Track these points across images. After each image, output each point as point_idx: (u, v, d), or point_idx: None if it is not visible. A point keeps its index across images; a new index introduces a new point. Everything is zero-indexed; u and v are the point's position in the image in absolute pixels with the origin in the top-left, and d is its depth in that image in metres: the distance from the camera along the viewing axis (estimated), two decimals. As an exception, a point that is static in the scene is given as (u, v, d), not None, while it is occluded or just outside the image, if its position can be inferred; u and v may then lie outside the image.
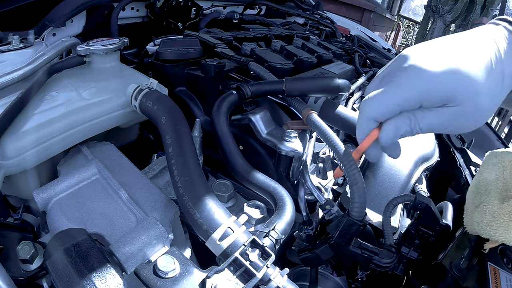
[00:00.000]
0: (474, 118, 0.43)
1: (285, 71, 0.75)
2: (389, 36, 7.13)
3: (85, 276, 0.34)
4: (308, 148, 0.63)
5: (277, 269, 0.39)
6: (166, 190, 0.60)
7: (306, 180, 0.56)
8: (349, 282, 0.66)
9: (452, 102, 0.42)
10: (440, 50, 0.43)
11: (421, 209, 0.53)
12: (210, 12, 1.25)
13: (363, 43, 1.44)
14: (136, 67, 0.87)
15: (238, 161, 0.54)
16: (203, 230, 0.41)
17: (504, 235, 0.48)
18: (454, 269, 0.58)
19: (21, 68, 0.64)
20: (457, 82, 0.41)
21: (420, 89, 0.41)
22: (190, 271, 0.38)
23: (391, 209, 0.54)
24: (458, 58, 0.42)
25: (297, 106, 0.61)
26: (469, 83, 0.41)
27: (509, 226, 0.48)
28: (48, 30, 0.75)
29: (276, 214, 0.46)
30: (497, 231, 0.49)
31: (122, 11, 0.94)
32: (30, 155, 0.50)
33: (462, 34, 0.45)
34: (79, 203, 0.49)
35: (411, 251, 0.56)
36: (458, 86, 0.41)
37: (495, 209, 0.49)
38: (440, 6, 5.14)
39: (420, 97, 0.42)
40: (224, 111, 0.58)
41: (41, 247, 0.46)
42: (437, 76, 0.41)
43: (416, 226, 0.55)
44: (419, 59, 0.42)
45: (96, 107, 0.58)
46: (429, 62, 0.42)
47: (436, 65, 0.41)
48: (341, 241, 0.48)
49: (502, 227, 0.48)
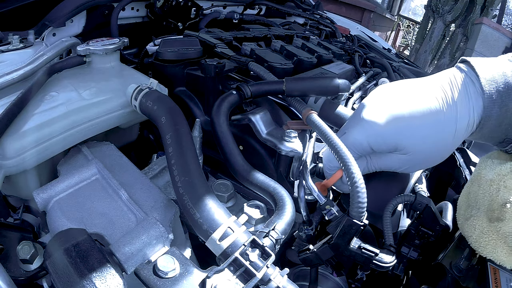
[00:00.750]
0: (423, 162, 0.48)
1: (285, 71, 0.75)
2: (389, 36, 7.13)
3: (85, 276, 0.34)
4: (308, 148, 0.63)
5: (277, 269, 0.39)
6: (166, 190, 0.60)
7: (306, 180, 0.56)
8: (349, 282, 0.66)
9: (399, 150, 0.46)
10: (390, 100, 0.47)
11: (421, 209, 0.53)
12: (210, 12, 1.25)
13: (363, 43, 1.44)
14: (136, 67, 0.87)
15: (238, 161, 0.54)
16: (203, 230, 0.41)
17: (491, 254, 0.47)
18: (454, 269, 0.57)
19: (21, 68, 0.64)
20: (401, 133, 0.45)
21: (368, 140, 0.47)
22: (190, 271, 0.38)
23: (391, 209, 0.54)
24: (405, 109, 0.45)
25: (297, 106, 0.61)
26: (412, 133, 0.44)
27: (497, 245, 0.46)
28: (48, 30, 0.75)
29: (276, 214, 0.46)
30: (485, 248, 0.48)
31: (122, 11, 0.94)
32: (30, 155, 0.50)
33: (419, 81, 0.48)
34: (79, 203, 0.49)
35: (411, 251, 0.56)
36: (401, 136, 0.45)
37: (484, 226, 0.48)
38: (440, 6, 5.14)
39: (370, 146, 0.47)
40: (224, 111, 0.58)
41: (41, 247, 0.46)
42: (382, 128, 0.45)
43: (416, 226, 0.55)
44: (369, 111, 0.47)
45: (96, 107, 0.58)
46: (377, 114, 0.46)
47: (382, 117, 0.45)
48: (341, 241, 0.48)
49: (490, 245, 0.47)
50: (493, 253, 0.47)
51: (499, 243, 0.46)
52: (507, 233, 0.44)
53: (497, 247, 0.47)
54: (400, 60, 1.41)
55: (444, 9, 5.11)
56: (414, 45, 5.93)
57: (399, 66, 1.15)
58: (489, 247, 0.47)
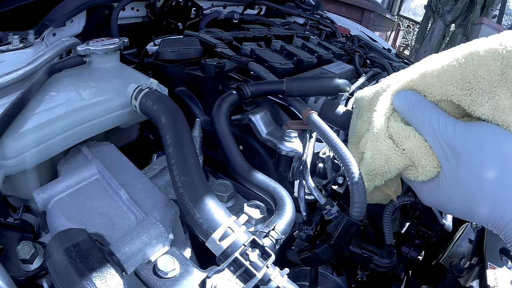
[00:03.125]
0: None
1: (285, 71, 0.75)
2: (389, 36, 7.13)
3: (85, 276, 0.34)
4: (308, 148, 0.63)
5: (277, 269, 0.39)
6: (166, 190, 0.60)
7: (306, 180, 0.56)
8: (349, 282, 0.66)
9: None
10: None
11: (421, 209, 0.54)
12: (210, 12, 1.25)
13: (363, 43, 1.44)
14: (136, 67, 0.87)
15: (238, 161, 0.54)
16: (203, 230, 0.41)
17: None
18: (454, 269, 0.58)
19: (21, 68, 0.64)
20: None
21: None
22: (190, 271, 0.38)
23: (391, 209, 0.54)
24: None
25: (297, 106, 0.61)
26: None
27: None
28: (48, 30, 0.75)
29: (276, 214, 0.46)
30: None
31: (122, 11, 0.94)
32: (30, 155, 0.50)
33: None
34: (79, 203, 0.49)
35: (411, 251, 0.56)
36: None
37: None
38: (440, 6, 5.14)
39: None
40: (224, 111, 0.58)
41: (41, 247, 0.46)
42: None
43: (416, 226, 0.55)
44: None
45: (96, 107, 0.58)
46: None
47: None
48: (341, 241, 0.48)
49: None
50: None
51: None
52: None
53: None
54: (400, 60, 1.41)
55: (444, 9, 5.11)
56: (414, 45, 5.92)
57: (399, 66, 1.15)
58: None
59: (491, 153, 0.37)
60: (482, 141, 0.38)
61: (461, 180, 0.39)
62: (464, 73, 0.39)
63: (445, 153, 0.40)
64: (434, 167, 0.42)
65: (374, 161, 0.46)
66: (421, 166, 0.43)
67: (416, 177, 0.44)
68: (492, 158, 0.37)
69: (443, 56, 0.42)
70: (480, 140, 0.38)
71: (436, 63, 0.42)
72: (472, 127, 0.39)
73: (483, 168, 0.37)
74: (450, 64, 0.40)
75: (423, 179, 0.44)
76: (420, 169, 0.43)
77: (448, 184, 0.40)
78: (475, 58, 0.38)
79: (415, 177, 0.45)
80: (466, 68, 0.38)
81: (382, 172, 0.46)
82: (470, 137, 0.38)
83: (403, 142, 0.44)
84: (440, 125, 0.40)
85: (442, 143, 0.40)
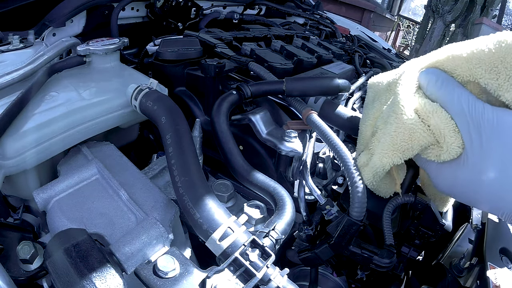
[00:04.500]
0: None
1: (285, 71, 0.75)
2: (389, 36, 7.12)
3: (85, 276, 0.34)
4: (308, 148, 0.63)
5: (277, 269, 0.39)
6: (166, 190, 0.60)
7: (306, 180, 0.56)
8: (349, 282, 0.66)
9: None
10: None
11: (421, 209, 0.53)
12: (210, 12, 1.25)
13: (363, 43, 1.44)
14: (136, 67, 0.87)
15: (238, 161, 0.54)
16: (203, 230, 0.41)
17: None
18: (454, 269, 0.58)
19: (21, 68, 0.64)
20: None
21: None
22: (190, 271, 0.38)
23: (391, 209, 0.54)
24: None
25: (297, 106, 0.61)
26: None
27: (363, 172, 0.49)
28: (48, 30, 0.75)
29: (276, 214, 0.46)
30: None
31: (122, 11, 0.94)
32: (30, 155, 0.50)
33: None
34: (79, 203, 0.49)
35: (411, 251, 0.56)
36: None
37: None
38: (440, 6, 5.14)
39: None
40: (224, 111, 0.58)
41: (41, 247, 0.46)
42: None
43: (416, 226, 0.55)
44: None
45: (96, 107, 0.58)
46: None
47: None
48: (341, 241, 0.48)
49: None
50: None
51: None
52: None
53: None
54: (400, 60, 1.41)
55: (444, 9, 5.11)
56: (414, 45, 5.92)
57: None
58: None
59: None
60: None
61: (485, 164, 0.38)
62: (493, 58, 0.39)
63: (471, 134, 0.39)
64: (459, 147, 0.41)
65: (397, 135, 0.44)
66: (446, 143, 0.41)
67: (438, 156, 0.42)
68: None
69: (472, 42, 0.42)
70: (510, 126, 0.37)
71: (465, 48, 0.42)
72: (501, 112, 0.38)
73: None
74: (480, 49, 0.40)
75: (446, 159, 0.42)
76: (445, 146, 0.41)
77: (469, 166, 0.39)
78: (504, 45, 0.38)
79: (437, 157, 0.42)
80: (495, 54, 0.38)
81: (404, 148, 0.44)
82: (499, 122, 0.38)
83: (429, 118, 0.42)
84: (470, 104, 0.40)
85: (470, 123, 0.39)
